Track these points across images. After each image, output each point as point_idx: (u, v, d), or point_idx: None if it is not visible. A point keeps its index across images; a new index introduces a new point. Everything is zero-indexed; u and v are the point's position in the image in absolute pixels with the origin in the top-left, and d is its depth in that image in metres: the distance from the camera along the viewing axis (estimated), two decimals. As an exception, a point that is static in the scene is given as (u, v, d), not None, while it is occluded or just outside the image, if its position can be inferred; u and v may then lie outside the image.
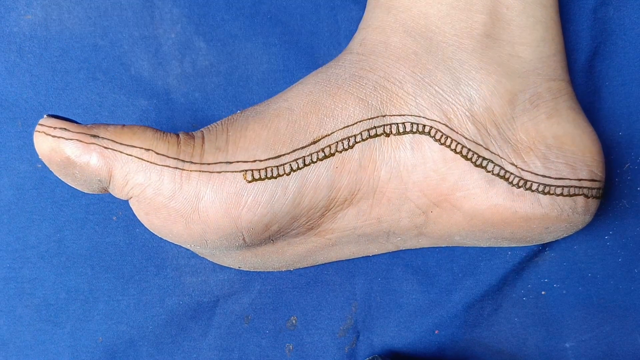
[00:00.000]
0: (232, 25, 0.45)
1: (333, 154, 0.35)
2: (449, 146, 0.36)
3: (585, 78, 0.44)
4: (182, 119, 0.46)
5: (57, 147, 0.32)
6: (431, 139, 0.36)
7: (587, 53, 0.43)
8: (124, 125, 0.34)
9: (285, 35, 0.46)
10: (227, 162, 0.34)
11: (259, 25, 0.45)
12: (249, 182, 0.34)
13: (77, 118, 0.44)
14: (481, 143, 0.36)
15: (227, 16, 0.45)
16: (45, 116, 0.33)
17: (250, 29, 0.45)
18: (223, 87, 0.46)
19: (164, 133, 0.35)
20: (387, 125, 0.36)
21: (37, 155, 0.33)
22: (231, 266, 0.44)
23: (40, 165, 0.45)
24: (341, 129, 0.35)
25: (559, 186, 0.36)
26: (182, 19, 0.45)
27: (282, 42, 0.46)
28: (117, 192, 0.34)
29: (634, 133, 0.44)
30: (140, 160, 0.33)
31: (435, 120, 0.36)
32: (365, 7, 0.40)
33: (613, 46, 0.44)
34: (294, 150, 0.35)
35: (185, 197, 0.34)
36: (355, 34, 0.40)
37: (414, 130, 0.36)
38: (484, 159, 0.36)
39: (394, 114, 0.36)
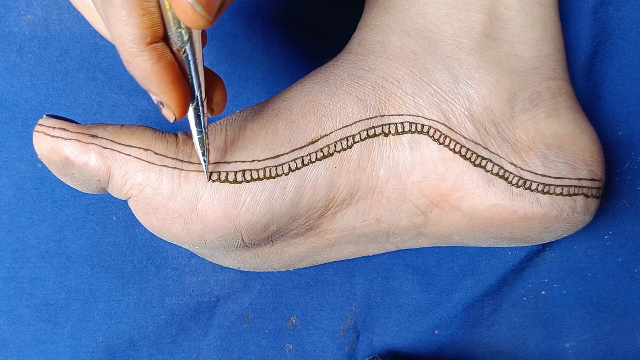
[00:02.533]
0: (232, 25, 0.45)
1: (332, 154, 0.35)
2: (448, 146, 0.36)
3: (585, 77, 0.44)
4: (181, 119, 0.46)
5: (55, 147, 0.32)
6: (430, 139, 0.36)
7: (587, 53, 0.43)
8: (122, 125, 0.34)
9: (285, 35, 0.46)
10: (225, 162, 0.34)
11: (259, 25, 0.45)
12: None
13: (77, 118, 0.44)
14: (480, 142, 0.36)
15: (227, 16, 0.45)
16: (44, 116, 0.33)
17: (250, 29, 0.45)
18: (223, 87, 0.46)
19: (162, 133, 0.35)
20: (385, 125, 0.36)
21: (37, 155, 0.33)
22: (231, 267, 0.44)
23: (40, 165, 0.45)
24: (340, 128, 0.35)
25: (558, 186, 0.36)
26: (182, 19, 0.45)
27: (282, 42, 0.46)
28: (116, 192, 0.34)
29: (634, 133, 0.44)
30: (138, 160, 0.33)
31: (434, 120, 0.36)
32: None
33: (613, 46, 0.44)
34: (293, 150, 0.35)
35: (184, 197, 0.34)
36: (354, 33, 0.40)
37: (413, 130, 0.36)
38: (483, 158, 0.36)
39: (393, 113, 0.36)
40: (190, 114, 0.31)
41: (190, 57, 0.27)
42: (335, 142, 0.35)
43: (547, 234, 0.39)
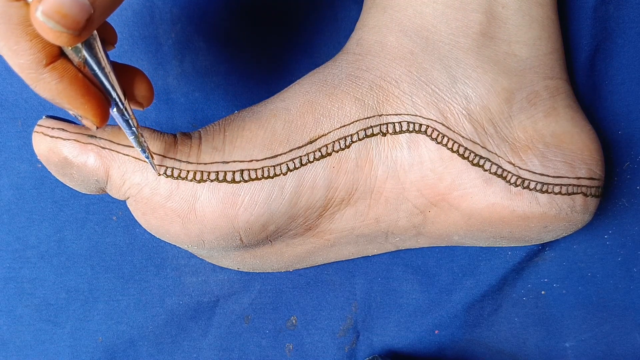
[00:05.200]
0: (232, 25, 0.45)
1: (330, 154, 0.35)
2: (446, 145, 0.36)
3: (585, 77, 0.44)
4: (182, 119, 0.46)
5: (54, 147, 0.32)
6: (428, 138, 0.36)
7: (587, 52, 0.43)
8: (121, 125, 0.34)
9: (285, 35, 0.46)
10: (223, 162, 0.34)
11: (259, 25, 0.45)
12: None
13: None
14: (478, 142, 0.36)
15: (227, 16, 0.45)
16: (44, 117, 0.34)
17: (250, 29, 0.45)
18: (223, 87, 0.46)
19: (161, 133, 0.35)
20: (383, 124, 0.36)
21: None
22: (230, 267, 0.44)
23: (40, 165, 0.45)
24: (337, 128, 0.35)
25: (557, 185, 0.36)
26: (182, 19, 0.45)
27: (282, 42, 0.46)
28: (115, 192, 0.34)
29: (633, 132, 0.44)
30: (137, 160, 0.33)
31: (431, 119, 0.35)
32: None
33: (613, 45, 0.43)
34: (291, 150, 0.35)
35: (182, 196, 0.34)
36: (352, 33, 0.40)
37: (411, 129, 0.36)
38: (481, 157, 0.36)
39: (391, 113, 0.36)
40: (117, 118, 0.30)
41: (94, 67, 0.27)
42: (333, 141, 0.35)
43: (546, 234, 0.39)
